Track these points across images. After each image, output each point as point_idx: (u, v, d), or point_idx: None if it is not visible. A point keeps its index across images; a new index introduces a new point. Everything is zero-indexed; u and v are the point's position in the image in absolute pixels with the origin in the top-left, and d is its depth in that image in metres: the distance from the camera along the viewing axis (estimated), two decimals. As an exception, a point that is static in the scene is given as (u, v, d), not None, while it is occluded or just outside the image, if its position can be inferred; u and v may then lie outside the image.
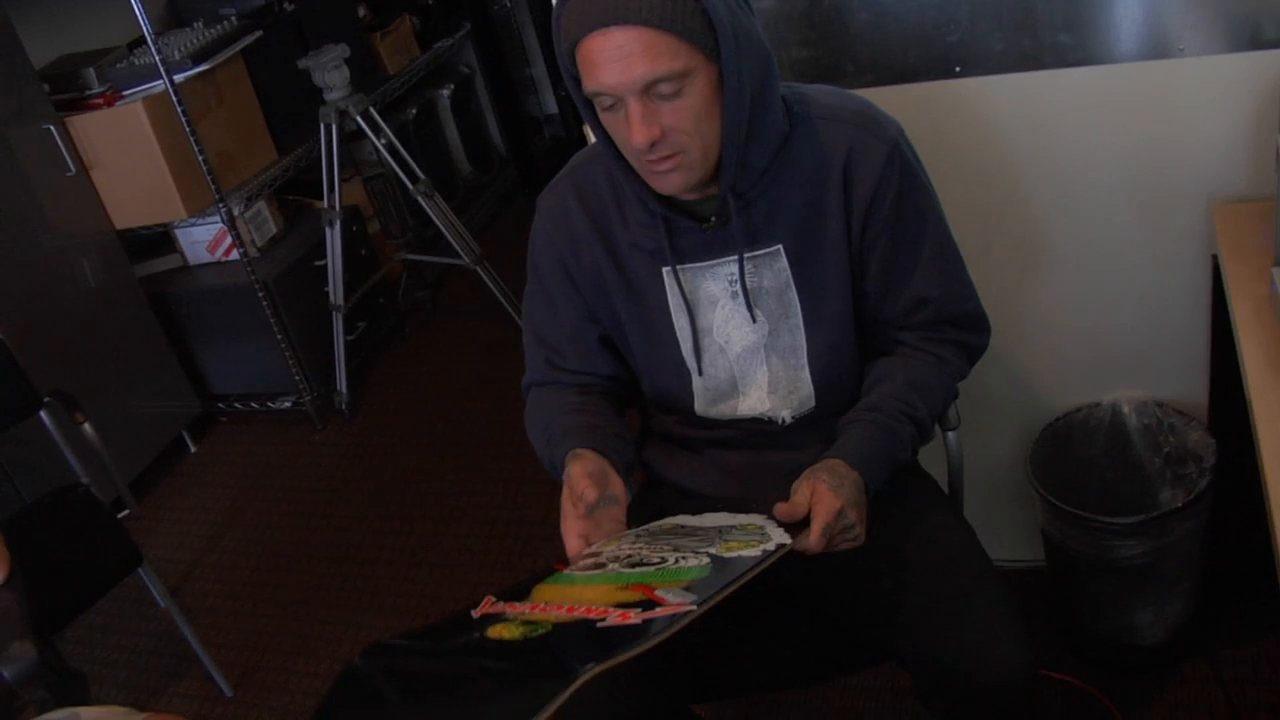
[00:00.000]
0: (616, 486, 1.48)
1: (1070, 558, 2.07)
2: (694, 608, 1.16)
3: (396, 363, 4.19)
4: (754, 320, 1.56)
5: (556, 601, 1.27)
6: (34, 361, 2.62)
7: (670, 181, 1.42)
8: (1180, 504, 1.92)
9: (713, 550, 1.32)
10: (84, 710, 1.80)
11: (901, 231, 1.51)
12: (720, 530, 1.40)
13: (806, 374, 1.58)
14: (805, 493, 1.39)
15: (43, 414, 2.68)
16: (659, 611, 1.17)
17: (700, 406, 1.64)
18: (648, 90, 1.32)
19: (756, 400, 1.61)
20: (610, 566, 1.34)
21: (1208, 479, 1.94)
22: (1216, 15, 1.78)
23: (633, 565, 1.32)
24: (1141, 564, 1.98)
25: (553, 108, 5.41)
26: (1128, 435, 2.11)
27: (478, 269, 3.78)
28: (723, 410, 1.64)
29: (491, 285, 3.81)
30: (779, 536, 1.33)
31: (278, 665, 2.83)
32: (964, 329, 1.60)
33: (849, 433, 1.51)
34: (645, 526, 1.50)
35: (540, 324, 1.70)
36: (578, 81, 1.39)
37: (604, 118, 1.40)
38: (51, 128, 3.31)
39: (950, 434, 1.76)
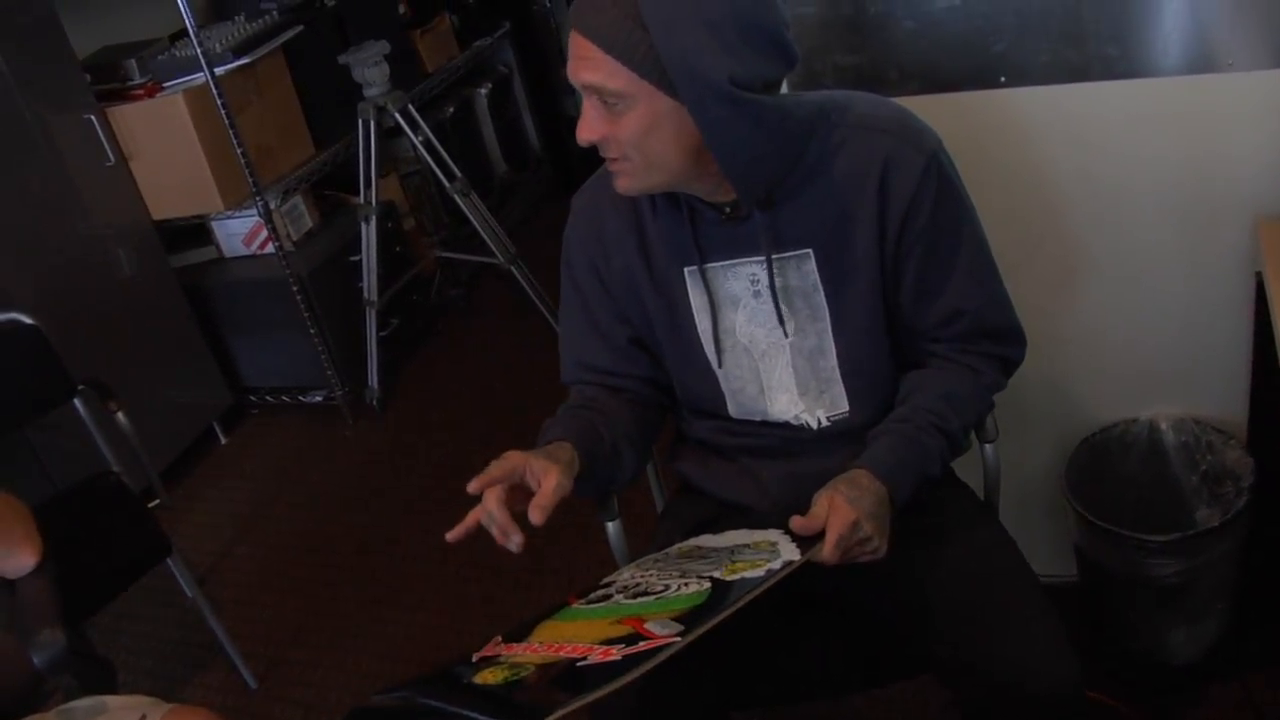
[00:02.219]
0: (560, 453, 1.49)
1: (1103, 574, 2.05)
2: (678, 639, 1.17)
3: (428, 360, 4.20)
4: (782, 323, 1.55)
5: (552, 640, 1.28)
6: (69, 349, 2.64)
7: (620, 184, 1.46)
8: (1216, 523, 1.90)
9: (717, 574, 1.32)
10: (110, 698, 1.81)
11: (937, 242, 1.50)
12: (732, 550, 1.40)
13: (838, 375, 1.57)
14: (823, 505, 1.39)
15: (76, 402, 2.70)
16: (641, 646, 1.17)
17: (733, 409, 1.64)
18: (595, 94, 1.37)
19: (788, 403, 1.60)
20: (615, 598, 1.35)
21: (1245, 499, 1.92)
22: (1266, 30, 1.75)
23: (635, 595, 1.33)
24: (1175, 582, 1.95)
25: (590, 108, 5.40)
26: (1165, 452, 2.09)
27: (512, 268, 3.79)
28: (751, 412, 1.63)
29: (525, 285, 3.82)
30: (789, 553, 1.32)
31: (303, 659, 2.84)
32: (999, 341, 1.58)
33: (876, 444, 1.50)
34: (665, 550, 1.50)
35: (572, 324, 1.71)
36: None
37: None
38: (93, 117, 3.33)
39: (988, 446, 1.74)
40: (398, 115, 3.59)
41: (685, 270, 1.57)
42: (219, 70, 3.35)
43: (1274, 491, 1.93)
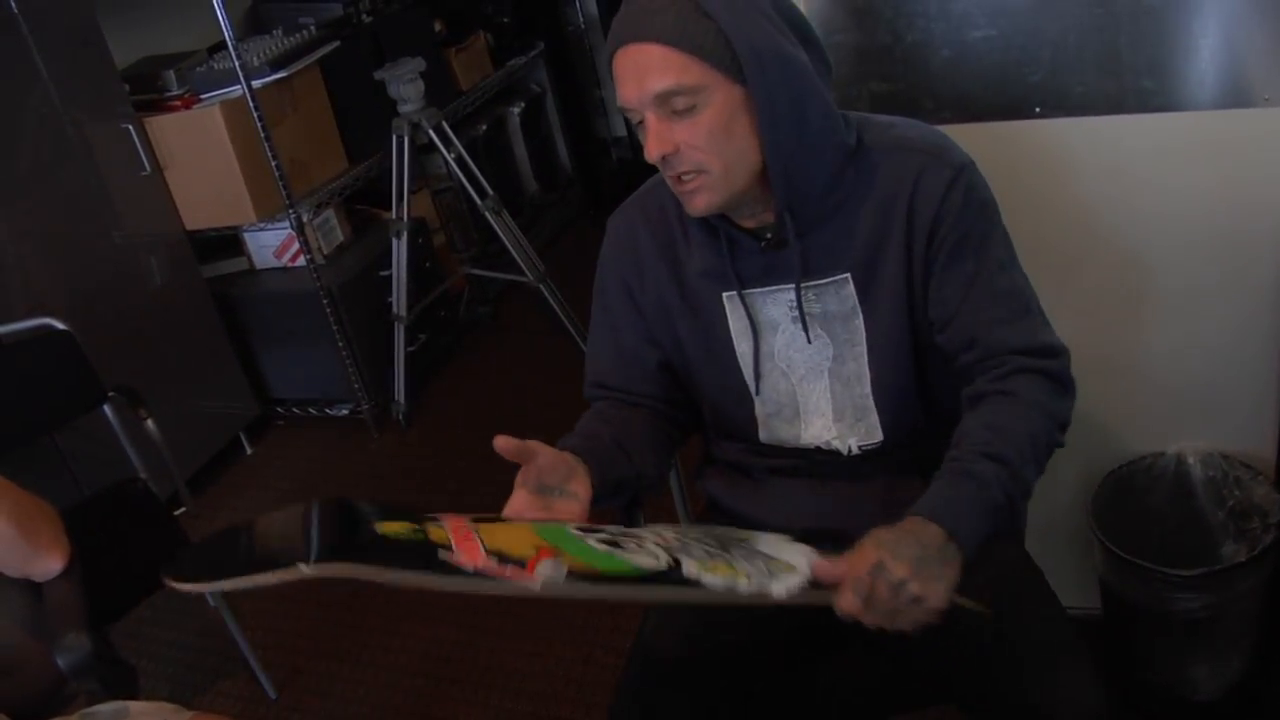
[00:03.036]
0: (579, 486, 1.44)
1: (1128, 607, 2.04)
2: (535, 588, 1.16)
3: (455, 376, 4.21)
4: (809, 341, 1.54)
5: (487, 532, 1.26)
6: (99, 356, 2.66)
7: (695, 202, 1.43)
8: (1243, 559, 1.89)
9: (690, 566, 1.26)
10: (132, 704, 1.81)
11: (959, 257, 1.46)
12: (746, 553, 1.34)
13: (871, 402, 1.56)
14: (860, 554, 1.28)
15: (106, 408, 2.72)
16: (502, 571, 1.17)
17: (764, 434, 1.63)
18: (662, 105, 1.35)
19: (821, 428, 1.59)
20: (595, 536, 1.32)
21: (1273, 535, 1.91)
22: (1306, 65, 1.76)
23: (608, 542, 1.30)
24: (1201, 618, 1.94)
25: (621, 130, 5.44)
26: (1192, 486, 2.07)
27: (541, 287, 3.80)
28: (785, 438, 1.63)
29: (554, 304, 3.83)
30: (777, 587, 1.25)
31: (322, 670, 2.84)
32: (1034, 357, 1.48)
33: (926, 491, 1.38)
34: (708, 526, 1.46)
35: (598, 344, 1.71)
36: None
37: (639, 135, 1.43)
38: (130, 127, 3.37)
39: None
40: (431, 132, 3.61)
41: (724, 295, 1.56)
42: (256, 83, 3.38)
43: (1302, 529, 1.92)
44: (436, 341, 4.17)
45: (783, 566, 1.30)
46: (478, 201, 3.75)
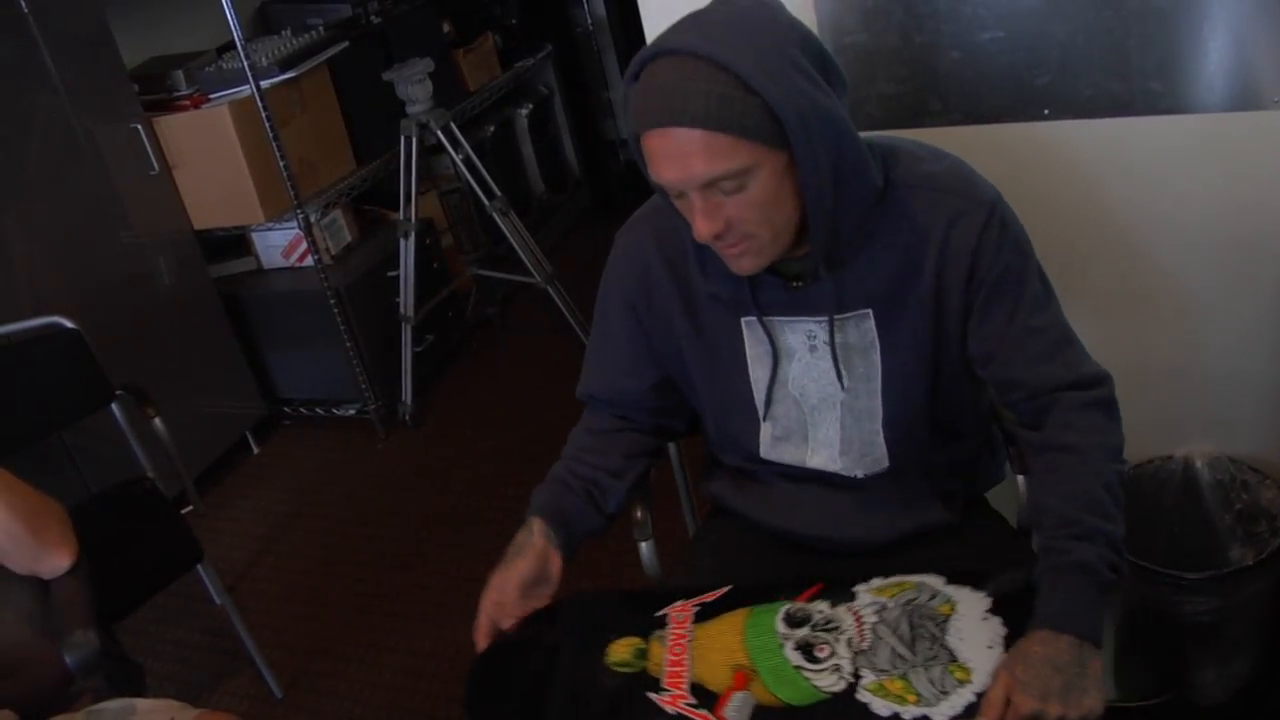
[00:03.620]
0: (553, 571, 1.59)
1: (1134, 610, 2.03)
2: None
3: (462, 377, 4.21)
4: (843, 385, 1.53)
5: (700, 641, 1.44)
6: (106, 355, 2.67)
7: (743, 265, 1.41)
8: (1250, 562, 1.89)
9: (867, 681, 1.33)
10: (139, 701, 1.82)
11: (1000, 294, 1.45)
12: (932, 649, 1.36)
13: (881, 438, 1.55)
14: (999, 689, 1.26)
15: (114, 407, 2.72)
16: (691, 713, 1.34)
17: (765, 451, 1.63)
18: (709, 186, 1.31)
19: (826, 458, 1.59)
20: (787, 636, 1.41)
21: (1280, 539, 1.91)
22: (1314, 68, 1.76)
23: (804, 646, 1.39)
24: (1207, 621, 1.94)
25: (629, 132, 5.43)
26: (1199, 490, 2.07)
27: (548, 288, 3.80)
28: (788, 458, 1.62)
29: (561, 305, 3.83)
30: (939, 714, 1.28)
31: (329, 670, 2.84)
32: (1081, 390, 1.48)
33: (1037, 599, 1.35)
34: (913, 597, 1.45)
35: (595, 354, 1.72)
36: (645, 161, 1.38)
37: (675, 203, 1.39)
38: (139, 126, 3.38)
39: (1021, 477, 1.74)
40: (439, 133, 3.62)
41: (743, 320, 1.54)
42: (264, 84, 3.39)
43: (1310, 533, 1.91)
44: (443, 342, 4.18)
45: (959, 674, 1.32)
46: (485, 202, 3.75)
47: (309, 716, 2.71)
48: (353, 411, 3.97)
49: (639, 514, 1.76)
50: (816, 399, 1.56)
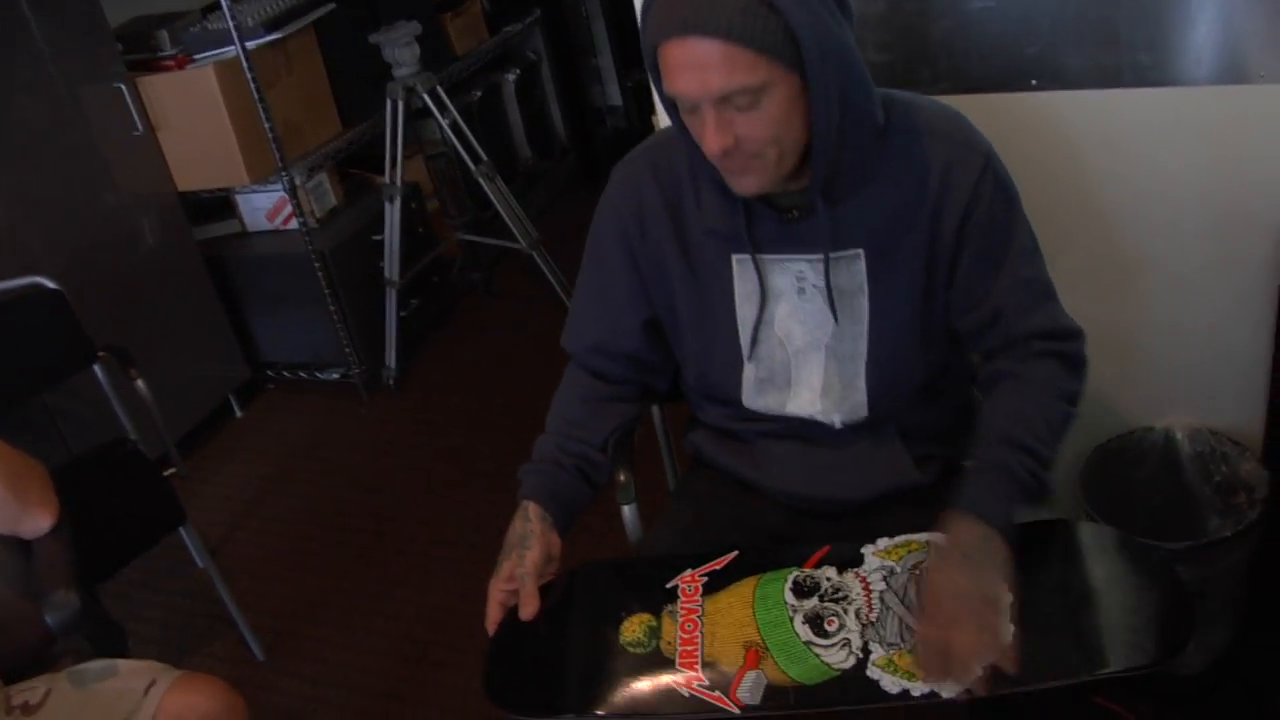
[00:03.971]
0: (555, 553, 1.60)
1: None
2: (735, 710, 1.33)
3: (446, 342, 4.21)
4: (836, 321, 1.54)
5: (711, 615, 1.45)
6: (89, 317, 2.66)
7: (745, 184, 1.42)
8: (1229, 533, 1.90)
9: (876, 656, 1.34)
10: (121, 662, 1.83)
11: (988, 243, 1.49)
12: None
13: (862, 381, 1.56)
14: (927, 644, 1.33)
15: (96, 368, 2.71)
16: (708, 695, 1.36)
17: (748, 398, 1.64)
18: (724, 100, 1.32)
19: (807, 401, 1.60)
20: (796, 609, 1.43)
21: (1258, 510, 1.92)
22: (1301, 42, 1.76)
23: (813, 619, 1.40)
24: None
25: (617, 99, 5.43)
26: (1179, 462, 2.09)
27: (534, 253, 3.80)
28: (770, 404, 1.63)
29: (546, 270, 3.83)
30: (946, 691, 1.29)
31: (311, 633, 2.85)
32: (1053, 340, 1.52)
33: (960, 489, 1.42)
34: (915, 545, 1.47)
35: (586, 295, 1.73)
36: (659, 75, 1.38)
37: (684, 118, 1.40)
38: (122, 86, 3.35)
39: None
40: (426, 96, 3.60)
41: (734, 257, 1.56)
42: (250, 44, 3.36)
43: (1288, 505, 1.93)
44: (428, 307, 4.17)
45: None
46: (472, 167, 3.74)
47: (291, 679, 2.71)
48: (336, 375, 3.96)
49: (622, 477, 1.76)
50: (802, 342, 1.57)
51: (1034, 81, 1.92)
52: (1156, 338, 2.08)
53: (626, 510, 1.78)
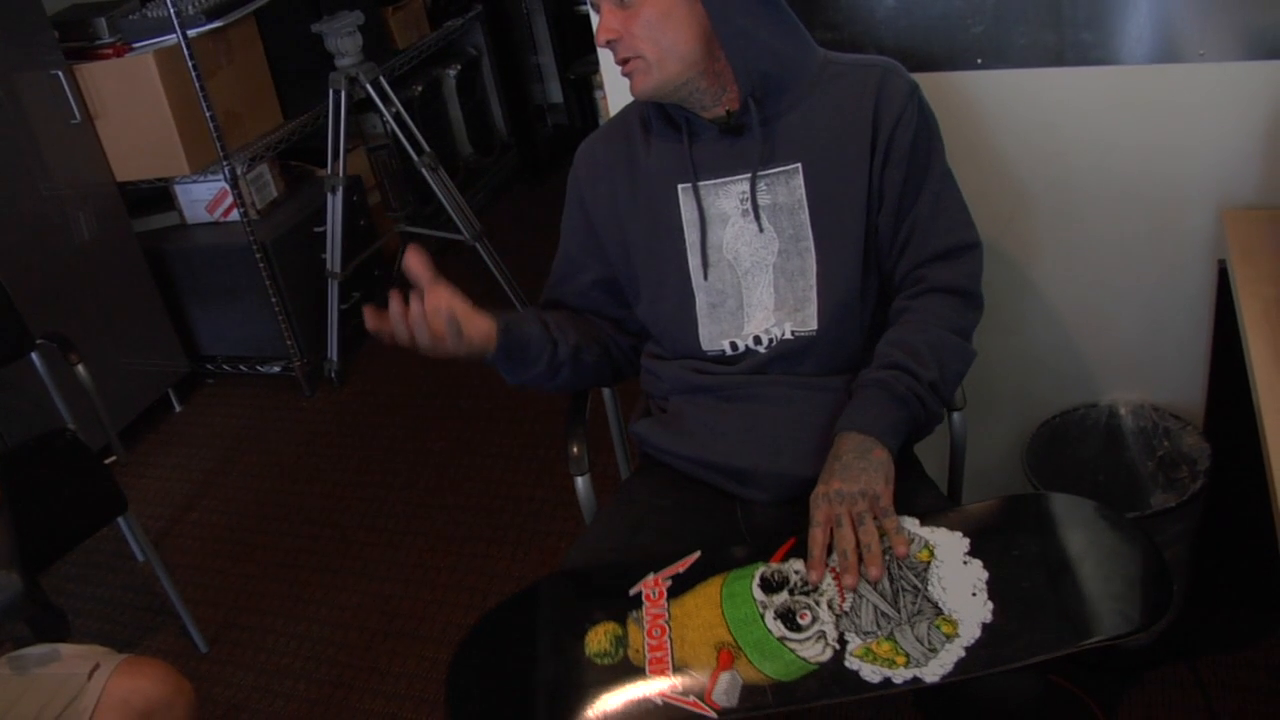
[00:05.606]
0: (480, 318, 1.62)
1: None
2: (712, 715, 1.30)
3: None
4: (760, 230, 1.62)
5: (678, 619, 1.42)
6: (24, 308, 2.62)
7: (636, 84, 1.58)
8: (1172, 504, 1.93)
9: (854, 646, 1.33)
10: (64, 647, 1.80)
11: (913, 165, 1.60)
12: (917, 603, 1.38)
13: (814, 294, 1.62)
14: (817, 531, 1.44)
15: (34, 356, 2.67)
16: (681, 701, 1.33)
17: (705, 338, 1.67)
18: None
19: (761, 320, 1.65)
20: (766, 605, 1.41)
21: (1200, 482, 1.96)
22: (1238, 22, 1.79)
23: (785, 614, 1.38)
24: (1129, 564, 1.98)
25: (557, 96, 5.43)
26: (1123, 437, 2.12)
27: (477, 245, 3.78)
28: (725, 331, 1.67)
29: (489, 262, 3.81)
30: (929, 674, 1.29)
31: (254, 624, 2.82)
32: (948, 259, 1.62)
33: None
34: (916, 540, 1.46)
35: (555, 261, 1.83)
36: None
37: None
38: (60, 74, 3.30)
39: (955, 415, 1.77)
40: (369, 87, 3.57)
41: (679, 187, 1.65)
42: (191, 33, 3.32)
43: (1229, 477, 1.96)
44: (370, 299, 4.11)
45: (945, 628, 1.34)
46: (415, 158, 3.72)
47: (236, 669, 2.68)
48: (278, 369, 3.92)
49: (575, 449, 1.78)
50: (750, 262, 1.64)
51: (979, 60, 1.94)
52: (1099, 315, 2.11)
53: (579, 481, 1.78)
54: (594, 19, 1.61)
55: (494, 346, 1.63)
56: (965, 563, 1.40)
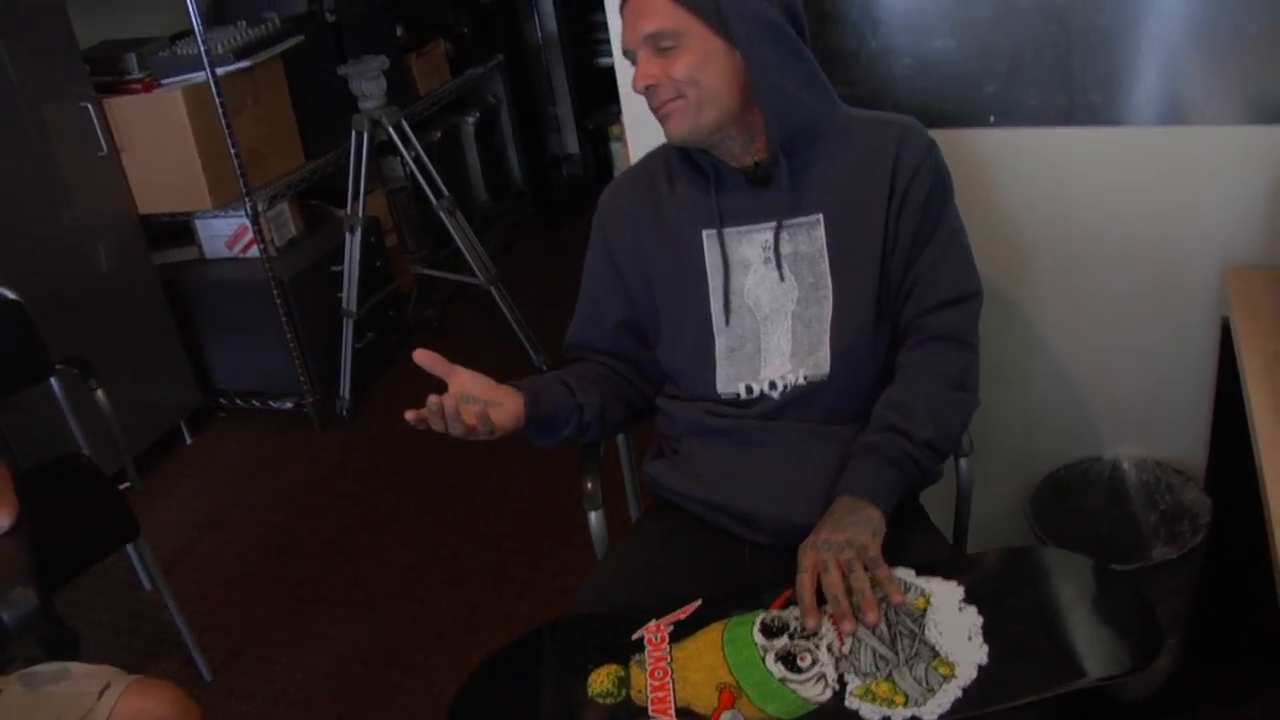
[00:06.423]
0: (505, 398, 1.66)
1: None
2: None
3: (400, 376, 4.21)
4: (781, 279, 1.66)
5: (680, 662, 1.44)
6: (42, 333, 2.65)
7: (672, 125, 1.61)
8: (1173, 557, 1.96)
9: (853, 686, 1.36)
10: (75, 665, 1.83)
11: (926, 215, 1.64)
12: (913, 645, 1.40)
13: (827, 340, 1.66)
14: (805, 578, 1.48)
15: (52, 381, 2.70)
16: None
17: (722, 380, 1.70)
18: (652, 44, 1.56)
19: (778, 366, 1.68)
20: (766, 648, 1.43)
21: (1201, 536, 1.98)
22: (1242, 88, 1.85)
23: (786, 657, 1.41)
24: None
25: (574, 147, 5.50)
26: (1126, 490, 2.15)
27: (492, 289, 3.83)
28: (742, 374, 1.69)
29: (503, 306, 3.85)
30: (928, 714, 1.31)
31: (259, 653, 2.83)
32: (954, 306, 1.67)
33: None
34: (915, 592, 1.49)
35: (578, 305, 1.86)
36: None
37: (635, 75, 1.61)
38: (89, 106, 3.37)
39: (962, 461, 1.80)
40: (391, 130, 3.64)
41: (704, 233, 1.69)
42: (219, 71, 3.38)
43: (1229, 531, 1.99)
44: (384, 340, 4.18)
45: (942, 669, 1.36)
46: (434, 201, 3.77)
47: (239, 699, 2.69)
48: (290, 405, 3.95)
49: (589, 485, 1.82)
50: (769, 309, 1.68)
51: (992, 118, 2.00)
52: (1105, 371, 2.15)
53: (593, 516, 1.81)
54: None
55: (524, 422, 1.66)
56: (961, 609, 1.43)
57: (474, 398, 1.61)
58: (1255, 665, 2.21)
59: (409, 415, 1.60)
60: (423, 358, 1.61)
